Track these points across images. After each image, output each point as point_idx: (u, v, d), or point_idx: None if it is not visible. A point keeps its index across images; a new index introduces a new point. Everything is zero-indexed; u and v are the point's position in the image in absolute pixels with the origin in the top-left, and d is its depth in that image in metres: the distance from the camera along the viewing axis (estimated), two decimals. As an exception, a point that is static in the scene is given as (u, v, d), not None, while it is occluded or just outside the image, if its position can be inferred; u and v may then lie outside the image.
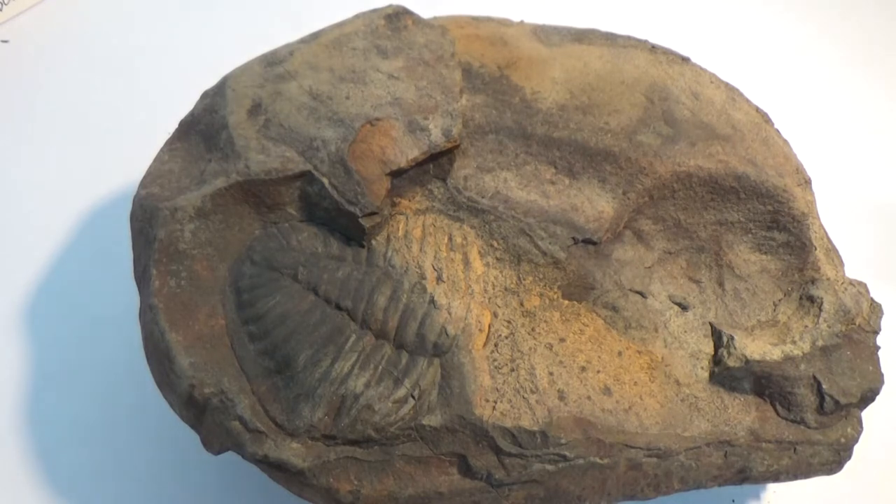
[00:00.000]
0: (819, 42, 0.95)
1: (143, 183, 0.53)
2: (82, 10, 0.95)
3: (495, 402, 0.47)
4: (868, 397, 0.51)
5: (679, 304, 0.53)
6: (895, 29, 0.97)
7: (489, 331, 0.49)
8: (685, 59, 0.61)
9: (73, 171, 0.79)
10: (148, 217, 0.51)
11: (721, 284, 0.54)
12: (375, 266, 0.49)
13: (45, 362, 0.67)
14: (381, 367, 0.47)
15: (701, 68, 0.61)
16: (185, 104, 0.59)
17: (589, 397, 0.48)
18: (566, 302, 0.51)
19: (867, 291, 0.53)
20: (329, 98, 0.52)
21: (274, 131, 0.51)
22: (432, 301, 0.48)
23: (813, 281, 0.53)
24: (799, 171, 0.56)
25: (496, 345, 0.48)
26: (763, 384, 0.50)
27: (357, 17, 0.59)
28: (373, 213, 0.49)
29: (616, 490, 0.48)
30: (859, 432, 0.51)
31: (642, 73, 0.57)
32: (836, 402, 0.50)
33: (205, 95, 0.57)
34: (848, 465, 0.51)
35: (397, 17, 0.58)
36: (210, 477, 0.62)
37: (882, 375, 0.51)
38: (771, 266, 0.54)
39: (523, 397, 0.47)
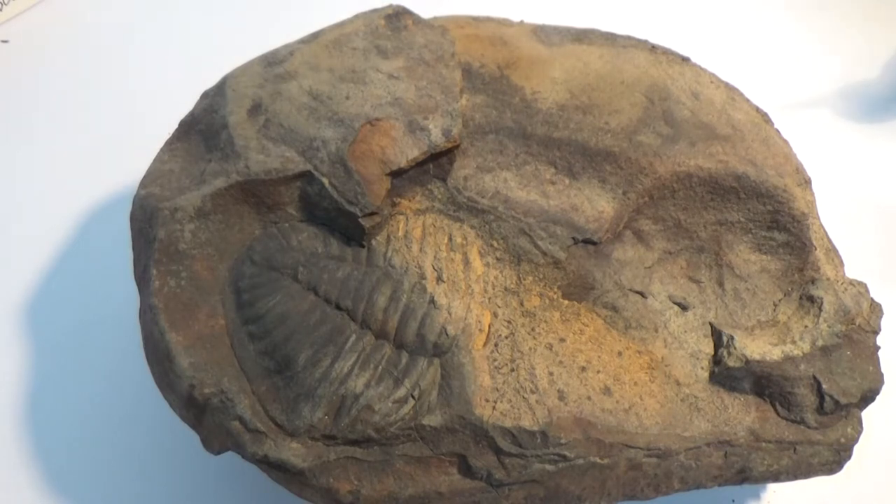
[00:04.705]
0: (819, 42, 0.95)
1: (143, 183, 0.53)
2: (82, 10, 0.95)
3: (495, 402, 0.47)
4: (868, 397, 0.51)
5: (679, 304, 0.53)
6: (895, 30, 0.97)
7: (489, 331, 0.49)
8: (685, 59, 0.61)
9: (73, 171, 0.79)
10: (148, 217, 0.51)
11: (721, 284, 0.54)
12: (375, 266, 0.49)
13: (45, 362, 0.67)
14: (381, 367, 0.47)
15: (701, 68, 0.61)
16: (185, 104, 0.59)
17: (589, 397, 0.48)
18: (566, 302, 0.51)
19: (867, 291, 0.53)
20: (329, 98, 0.52)
21: (274, 131, 0.51)
22: (432, 301, 0.48)
23: (813, 281, 0.53)
24: (799, 171, 0.56)
25: (496, 345, 0.48)
26: (763, 384, 0.50)
27: (357, 17, 0.59)
28: (373, 213, 0.49)
29: (616, 490, 0.48)
30: (859, 432, 0.51)
31: (642, 73, 0.57)
32: (836, 402, 0.50)
33: (205, 95, 0.57)
34: (848, 465, 0.51)
35: (397, 17, 0.58)
36: (210, 477, 0.62)
37: (882, 375, 0.51)
38: (771, 266, 0.54)
39: (523, 397, 0.47)
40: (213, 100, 0.55)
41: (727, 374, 0.50)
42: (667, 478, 0.49)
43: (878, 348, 0.52)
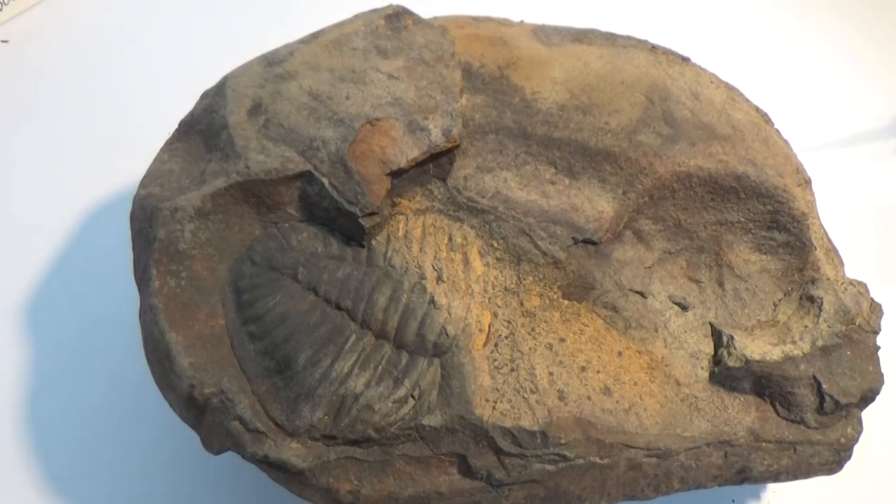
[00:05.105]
0: (819, 42, 0.95)
1: (143, 183, 0.53)
2: (82, 10, 0.95)
3: (495, 402, 0.47)
4: (868, 397, 0.51)
5: (679, 304, 0.53)
6: (895, 29, 0.97)
7: (489, 331, 0.49)
8: (685, 59, 0.61)
9: (73, 171, 0.79)
10: (148, 217, 0.51)
11: (721, 284, 0.54)
12: (375, 266, 0.49)
13: (45, 362, 0.67)
14: (381, 367, 0.47)
15: (701, 68, 0.61)
16: (185, 104, 0.59)
17: (589, 397, 0.48)
18: (566, 302, 0.51)
19: (867, 291, 0.53)
20: (329, 98, 0.52)
21: (274, 131, 0.51)
22: (432, 301, 0.48)
23: (813, 281, 0.53)
24: (799, 171, 0.56)
25: (496, 345, 0.48)
26: (763, 384, 0.50)
27: (357, 17, 0.59)
28: (373, 213, 0.49)
29: (616, 490, 0.48)
30: (859, 432, 0.51)
31: (642, 73, 0.57)
32: (836, 402, 0.50)
33: (205, 95, 0.57)
34: (848, 465, 0.51)
35: (397, 18, 0.58)
36: (210, 477, 0.62)
37: (882, 375, 0.51)
38: (771, 266, 0.54)
39: (523, 397, 0.47)
40: (213, 100, 0.55)
41: (727, 374, 0.50)
42: (667, 478, 0.49)
43: (878, 348, 0.52)
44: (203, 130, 0.55)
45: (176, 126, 0.57)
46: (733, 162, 0.53)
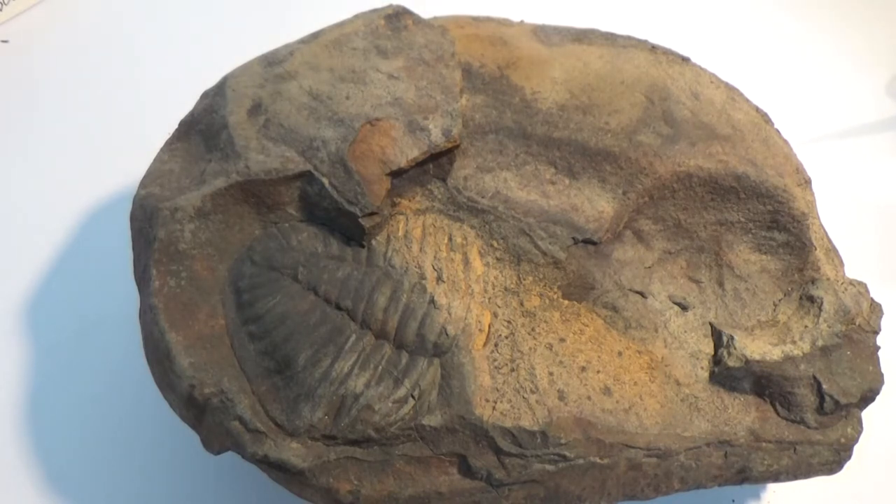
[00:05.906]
0: (819, 42, 0.95)
1: (143, 183, 0.53)
2: (82, 10, 0.95)
3: (495, 402, 0.47)
4: (868, 397, 0.51)
5: (679, 304, 0.53)
6: (895, 29, 0.97)
7: (489, 331, 0.49)
8: (685, 59, 0.61)
9: (73, 171, 0.79)
10: (148, 217, 0.51)
11: (721, 284, 0.54)
12: (375, 266, 0.49)
13: (45, 362, 0.68)
14: (381, 367, 0.47)
15: (701, 68, 0.61)
16: (185, 104, 0.59)
17: (589, 397, 0.48)
18: (566, 302, 0.51)
19: (867, 291, 0.53)
20: (329, 98, 0.52)
21: (274, 131, 0.51)
22: (432, 301, 0.48)
23: (813, 281, 0.53)
24: (799, 171, 0.56)
25: (496, 345, 0.48)
26: (763, 384, 0.50)
27: (357, 17, 0.59)
28: (373, 213, 0.49)
29: (616, 490, 0.48)
30: (859, 432, 0.51)
31: (642, 73, 0.57)
32: (836, 402, 0.50)
33: (205, 95, 0.57)
34: (848, 465, 0.51)
35: (397, 18, 0.58)
36: (210, 477, 0.62)
37: (882, 375, 0.51)
38: (771, 266, 0.54)
39: (523, 397, 0.47)
40: (213, 100, 0.55)
41: (727, 374, 0.50)
42: (667, 478, 0.49)
43: (878, 348, 0.52)
44: (203, 130, 0.55)
45: (176, 126, 0.57)
46: (733, 162, 0.53)
